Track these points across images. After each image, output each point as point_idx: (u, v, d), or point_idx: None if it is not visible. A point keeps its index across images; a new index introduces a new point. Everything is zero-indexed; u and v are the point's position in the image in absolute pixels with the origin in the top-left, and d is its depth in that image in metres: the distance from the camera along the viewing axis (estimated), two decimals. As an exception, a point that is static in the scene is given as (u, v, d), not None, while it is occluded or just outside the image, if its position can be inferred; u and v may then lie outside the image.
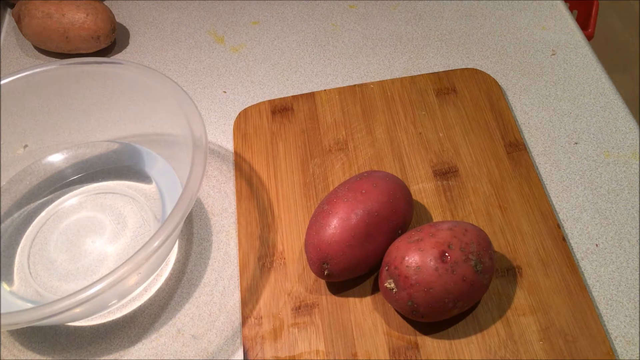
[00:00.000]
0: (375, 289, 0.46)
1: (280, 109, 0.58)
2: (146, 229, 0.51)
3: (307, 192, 0.52)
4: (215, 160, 0.56)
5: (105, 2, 0.71)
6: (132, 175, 0.54)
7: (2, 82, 0.50)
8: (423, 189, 0.51)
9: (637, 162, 0.52)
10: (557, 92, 0.58)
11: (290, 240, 0.49)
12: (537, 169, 0.53)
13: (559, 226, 0.48)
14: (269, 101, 0.58)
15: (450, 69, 0.61)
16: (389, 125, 0.56)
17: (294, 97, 0.59)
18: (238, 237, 0.50)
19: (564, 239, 0.47)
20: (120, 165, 0.55)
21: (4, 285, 0.48)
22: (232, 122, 0.59)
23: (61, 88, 0.52)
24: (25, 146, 0.54)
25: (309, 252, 0.44)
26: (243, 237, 0.50)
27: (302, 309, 0.46)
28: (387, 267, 0.42)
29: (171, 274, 0.50)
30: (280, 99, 0.59)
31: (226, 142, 0.58)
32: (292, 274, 0.48)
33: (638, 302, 0.45)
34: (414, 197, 0.51)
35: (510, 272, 0.46)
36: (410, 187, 0.51)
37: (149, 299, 0.48)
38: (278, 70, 0.63)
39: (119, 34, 0.68)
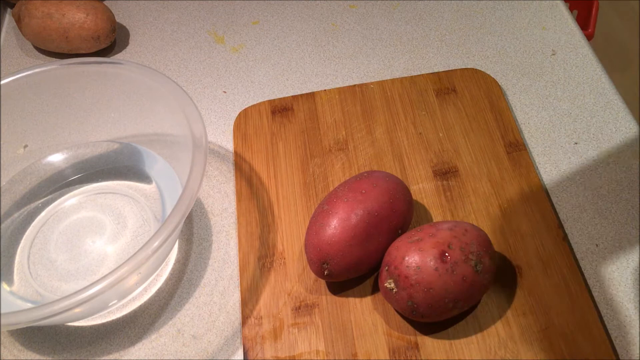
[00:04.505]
0: (375, 289, 0.46)
1: (280, 109, 0.58)
2: (146, 229, 0.51)
3: (307, 192, 0.52)
4: (215, 160, 0.56)
5: (105, 2, 0.71)
6: (132, 175, 0.54)
7: (2, 82, 0.50)
8: (423, 189, 0.51)
9: (637, 162, 0.52)
10: (557, 92, 0.58)
11: (290, 240, 0.49)
12: (537, 169, 0.53)
13: (559, 226, 0.48)
14: (269, 101, 0.58)
15: (450, 69, 0.61)
16: (389, 125, 0.56)
17: (294, 97, 0.59)
18: (238, 237, 0.50)
19: (564, 239, 0.47)
20: (120, 165, 0.55)
21: (4, 285, 0.48)
22: (232, 122, 0.59)
23: (61, 88, 0.52)
24: (25, 146, 0.54)
25: (309, 252, 0.44)
26: (243, 237, 0.50)
27: (302, 309, 0.46)
28: (387, 267, 0.42)
29: (171, 274, 0.50)
30: (280, 99, 0.59)
31: (226, 142, 0.58)
32: (292, 274, 0.48)
33: (638, 302, 0.45)
34: (414, 197, 0.51)
35: (510, 272, 0.46)
36: (410, 187, 0.51)
37: (149, 299, 0.48)
38: (278, 70, 0.63)
39: (119, 34, 0.68)
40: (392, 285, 0.41)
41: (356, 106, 0.57)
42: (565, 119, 0.56)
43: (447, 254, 0.40)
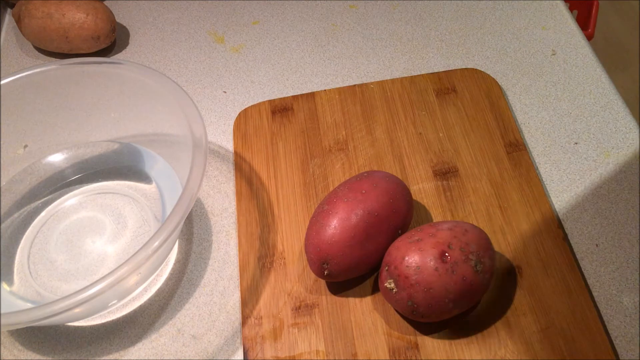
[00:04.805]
0: (375, 289, 0.46)
1: (280, 109, 0.58)
2: (146, 229, 0.51)
3: (307, 192, 0.52)
4: (215, 160, 0.56)
5: (105, 2, 0.71)
6: (132, 175, 0.54)
7: (2, 82, 0.50)
8: (423, 189, 0.51)
9: (637, 162, 0.52)
10: (557, 92, 0.58)
11: (290, 240, 0.49)
12: (537, 169, 0.53)
13: (559, 226, 0.48)
14: (269, 101, 0.58)
15: (450, 69, 0.61)
16: (389, 125, 0.56)
17: (294, 97, 0.59)
18: (238, 237, 0.50)
19: (564, 239, 0.47)
20: (120, 165, 0.55)
21: (4, 285, 0.48)
22: (232, 122, 0.59)
23: (61, 88, 0.52)
24: (25, 146, 0.54)
25: (309, 252, 0.44)
26: (243, 237, 0.50)
27: (302, 309, 0.46)
28: (387, 267, 0.42)
29: (171, 274, 0.50)
30: (280, 99, 0.59)
31: (226, 142, 0.58)
32: (292, 274, 0.48)
33: (638, 302, 0.45)
34: (414, 197, 0.51)
35: (510, 272, 0.46)
36: (410, 187, 0.51)
37: (149, 299, 0.48)
38: (278, 70, 0.63)
39: (119, 34, 0.68)
40: (392, 285, 0.41)
41: (356, 106, 0.57)
42: (565, 119, 0.56)
43: (447, 254, 0.40)
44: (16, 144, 0.53)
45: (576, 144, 0.54)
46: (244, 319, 0.46)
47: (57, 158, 0.55)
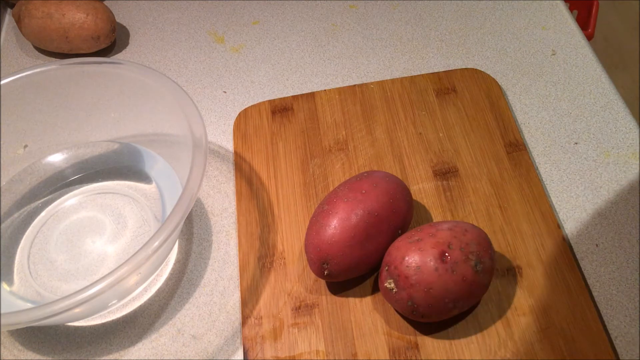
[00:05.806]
0: (375, 289, 0.46)
1: (280, 109, 0.58)
2: (146, 229, 0.51)
3: (307, 192, 0.52)
4: (215, 160, 0.56)
5: (105, 2, 0.71)
6: (132, 175, 0.54)
7: (2, 82, 0.50)
8: (423, 189, 0.51)
9: (637, 162, 0.52)
10: (557, 92, 0.58)
11: (290, 240, 0.49)
12: (537, 169, 0.53)
13: (559, 226, 0.48)
14: (269, 101, 0.58)
15: (450, 69, 0.61)
16: (389, 125, 0.56)
17: (294, 97, 0.59)
18: (238, 237, 0.50)
19: (564, 239, 0.47)
20: (120, 165, 0.55)
21: (4, 285, 0.48)
22: (232, 122, 0.59)
23: (61, 88, 0.52)
24: (25, 146, 0.54)
25: (309, 252, 0.44)
26: (243, 237, 0.50)
27: (302, 309, 0.46)
28: (387, 267, 0.42)
29: (171, 274, 0.50)
30: (280, 99, 0.59)
31: (226, 142, 0.58)
32: (292, 274, 0.48)
33: (638, 302, 0.45)
34: (414, 197, 0.51)
35: (510, 272, 0.46)
36: (410, 187, 0.51)
37: (149, 299, 0.48)
38: (278, 70, 0.63)
39: (119, 34, 0.68)
40: (392, 285, 0.41)
41: (356, 106, 0.57)
42: (565, 119, 0.56)
43: (447, 254, 0.40)
44: (16, 144, 0.53)
45: (576, 144, 0.54)
46: (244, 319, 0.46)
47: (57, 158, 0.55)
